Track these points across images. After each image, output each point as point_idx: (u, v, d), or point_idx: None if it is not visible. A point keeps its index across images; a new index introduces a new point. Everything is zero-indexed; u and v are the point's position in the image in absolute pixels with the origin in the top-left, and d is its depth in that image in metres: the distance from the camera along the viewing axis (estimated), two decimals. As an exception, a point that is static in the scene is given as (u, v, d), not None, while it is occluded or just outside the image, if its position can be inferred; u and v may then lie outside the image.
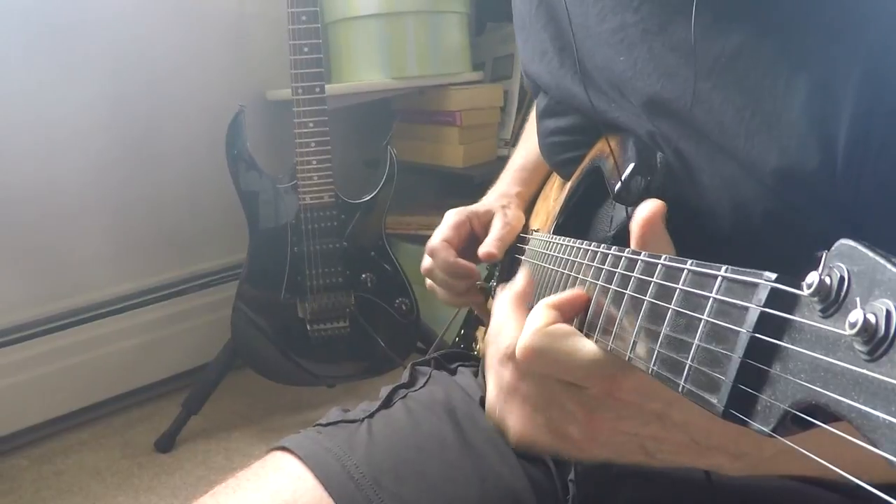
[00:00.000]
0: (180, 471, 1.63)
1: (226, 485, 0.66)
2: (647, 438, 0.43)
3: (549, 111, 0.72)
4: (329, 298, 1.65)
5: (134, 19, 1.78)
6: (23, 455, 1.71)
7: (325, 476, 0.65)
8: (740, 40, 0.50)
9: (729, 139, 0.50)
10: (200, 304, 1.98)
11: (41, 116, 1.68)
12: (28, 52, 1.64)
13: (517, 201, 0.86)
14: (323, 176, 1.60)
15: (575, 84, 0.64)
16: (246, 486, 0.65)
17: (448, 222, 0.82)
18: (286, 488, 0.64)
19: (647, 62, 0.55)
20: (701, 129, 0.52)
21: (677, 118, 0.53)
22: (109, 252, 1.84)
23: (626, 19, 0.58)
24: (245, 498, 0.64)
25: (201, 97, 1.90)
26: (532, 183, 0.88)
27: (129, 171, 1.83)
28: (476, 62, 2.12)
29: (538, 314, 0.43)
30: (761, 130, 0.48)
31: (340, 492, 0.64)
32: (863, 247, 0.24)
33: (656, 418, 0.42)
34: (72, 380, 1.78)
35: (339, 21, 1.92)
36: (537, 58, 0.70)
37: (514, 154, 0.93)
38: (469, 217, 0.83)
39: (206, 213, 1.96)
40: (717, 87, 0.51)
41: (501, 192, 0.88)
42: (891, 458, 0.21)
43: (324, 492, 0.64)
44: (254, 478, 0.66)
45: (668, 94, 0.53)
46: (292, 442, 0.69)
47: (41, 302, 1.73)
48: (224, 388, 1.79)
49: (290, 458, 0.68)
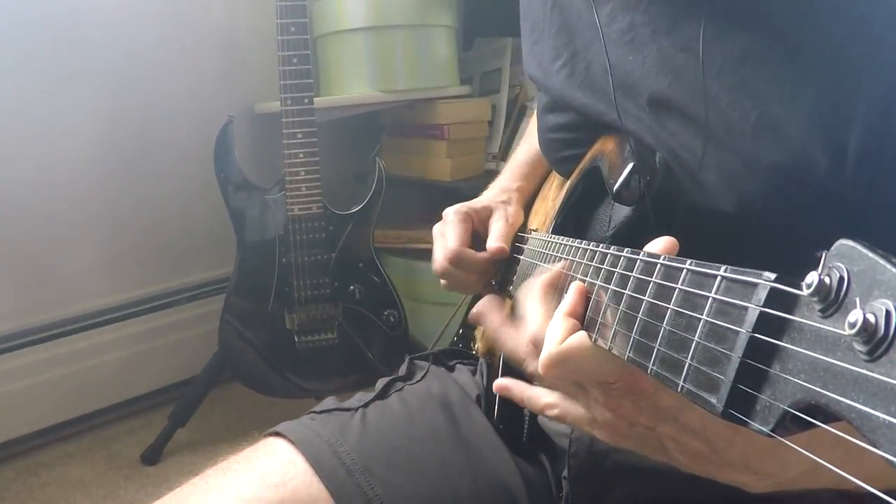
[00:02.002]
0: (166, 483, 1.60)
1: (216, 468, 0.66)
2: (665, 437, 0.44)
3: (550, 106, 0.72)
4: (317, 310, 1.64)
5: (127, 33, 1.78)
6: (9, 467, 1.69)
7: (317, 461, 0.65)
8: (749, 43, 0.51)
9: (734, 138, 0.51)
10: (188, 316, 1.97)
11: (34, 128, 1.67)
12: (22, 65, 1.64)
13: (517, 196, 0.85)
14: (311, 187, 1.60)
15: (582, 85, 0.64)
16: (236, 468, 0.65)
17: (454, 221, 0.81)
18: (276, 471, 0.64)
19: (656, 61, 0.56)
20: (706, 127, 0.53)
21: (684, 116, 0.54)
22: (97, 263, 1.82)
23: (635, 19, 0.58)
24: (235, 480, 0.63)
25: (192, 110, 1.89)
26: (533, 178, 0.88)
27: (120, 183, 1.82)
28: (464, 77, 2.12)
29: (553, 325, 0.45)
30: (768, 131, 0.49)
31: (331, 476, 0.64)
32: (863, 247, 0.24)
33: (671, 418, 0.42)
34: (58, 391, 1.76)
35: (327, 35, 1.93)
36: (547, 62, 0.70)
37: (516, 150, 0.93)
38: (470, 214, 0.82)
39: (196, 225, 1.95)
40: (724, 87, 0.51)
41: (502, 186, 0.87)
42: (890, 458, 0.21)
43: (314, 476, 0.64)
44: (245, 461, 0.66)
45: (675, 93, 0.54)
46: (286, 427, 0.69)
47: (28, 312, 1.72)
48: (211, 400, 1.78)
49: (282, 442, 0.68)
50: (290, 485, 0.63)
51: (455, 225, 0.81)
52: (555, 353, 0.43)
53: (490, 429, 0.72)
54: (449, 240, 0.80)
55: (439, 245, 0.81)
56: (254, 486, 0.62)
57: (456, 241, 0.79)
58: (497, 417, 0.72)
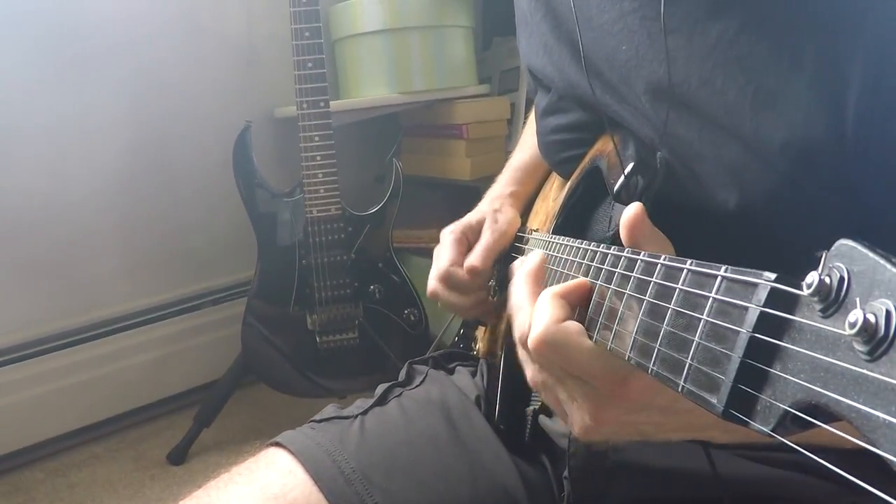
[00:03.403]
0: (192, 482, 1.63)
1: (218, 480, 0.66)
2: (646, 425, 0.45)
3: (550, 109, 0.72)
4: (338, 310, 1.65)
5: (147, 42, 1.80)
6: (38, 468, 1.72)
7: (316, 471, 0.65)
8: (741, 21, 0.50)
9: (735, 119, 0.50)
10: (212, 319, 1.99)
11: (58, 137, 1.69)
12: (44, 75, 1.66)
13: (510, 201, 0.85)
14: (329, 189, 1.61)
15: (579, 75, 0.63)
16: (238, 480, 0.66)
17: (447, 243, 0.81)
18: (276, 482, 0.64)
19: (648, 48, 0.56)
20: (705, 111, 0.52)
21: (681, 103, 0.53)
22: (121, 269, 1.85)
23: (623, 7, 0.58)
24: (236, 492, 0.64)
25: (212, 116, 1.91)
26: (527, 182, 0.87)
27: (142, 190, 1.85)
28: (483, 76, 2.12)
29: (545, 304, 0.44)
30: (767, 106, 0.49)
31: (330, 486, 0.64)
32: (863, 247, 0.24)
33: (660, 411, 0.43)
34: (86, 394, 1.79)
35: (345, 38, 1.94)
36: (540, 51, 0.70)
37: (511, 157, 0.93)
38: (464, 232, 0.82)
39: (218, 230, 1.97)
40: (717, 66, 0.51)
41: (495, 194, 0.87)
42: (891, 457, 0.21)
43: (314, 486, 0.64)
44: (246, 472, 0.67)
45: (672, 79, 0.53)
46: (286, 438, 0.70)
47: (56, 318, 1.75)
48: (235, 401, 1.80)
49: (282, 453, 0.68)
50: (290, 496, 0.63)
51: (447, 246, 0.81)
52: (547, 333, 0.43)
53: (490, 432, 0.71)
54: (441, 261, 0.80)
55: (434, 267, 0.82)
56: (254, 499, 0.63)
57: (446, 261, 0.79)
58: (498, 418, 0.71)
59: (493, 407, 0.72)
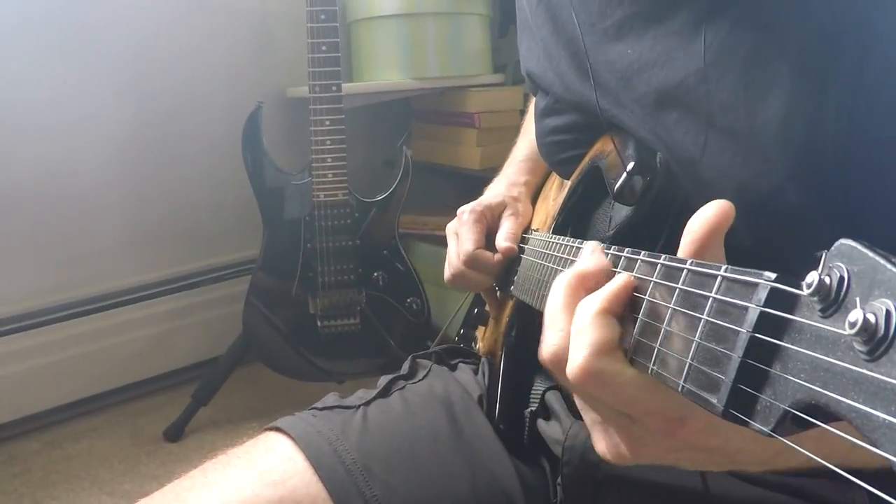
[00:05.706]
0: (187, 460, 1.63)
1: (216, 461, 0.66)
2: (686, 461, 0.41)
3: (548, 110, 0.71)
4: (340, 295, 1.65)
5: (158, 17, 1.80)
6: (35, 439, 1.73)
7: (317, 459, 0.65)
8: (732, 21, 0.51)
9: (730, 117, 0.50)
10: (214, 297, 1.99)
11: (64, 112, 1.70)
12: (52, 51, 1.66)
13: (526, 191, 0.85)
14: (338, 174, 1.60)
15: (579, 79, 0.64)
16: (236, 462, 0.65)
17: (469, 221, 0.80)
18: (276, 468, 0.64)
19: (651, 50, 0.56)
20: (706, 111, 0.52)
21: (684, 105, 0.54)
22: (125, 244, 1.85)
23: (626, 11, 0.58)
24: (235, 475, 0.63)
25: (222, 94, 1.91)
26: (537, 172, 0.87)
27: (149, 165, 1.85)
28: (499, 64, 2.11)
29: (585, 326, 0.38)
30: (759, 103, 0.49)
31: (330, 475, 0.64)
32: (862, 247, 0.24)
33: (708, 451, 0.39)
34: (85, 367, 1.80)
35: (360, 20, 1.93)
36: (540, 55, 0.70)
37: (515, 147, 0.92)
38: (484, 213, 0.81)
39: (223, 208, 1.97)
40: (711, 65, 0.51)
41: (510, 181, 0.86)
42: (891, 457, 0.21)
43: (314, 475, 0.64)
44: (245, 455, 0.66)
45: (675, 79, 0.54)
46: (286, 423, 0.69)
47: (59, 289, 1.76)
48: (234, 380, 1.80)
49: (282, 438, 0.68)
50: (290, 483, 0.63)
51: (470, 225, 0.80)
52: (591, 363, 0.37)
53: (491, 431, 0.71)
54: (464, 241, 0.79)
55: (453, 245, 0.81)
56: (253, 483, 0.62)
57: (472, 243, 0.78)
58: (498, 418, 0.71)
59: (494, 407, 0.72)
